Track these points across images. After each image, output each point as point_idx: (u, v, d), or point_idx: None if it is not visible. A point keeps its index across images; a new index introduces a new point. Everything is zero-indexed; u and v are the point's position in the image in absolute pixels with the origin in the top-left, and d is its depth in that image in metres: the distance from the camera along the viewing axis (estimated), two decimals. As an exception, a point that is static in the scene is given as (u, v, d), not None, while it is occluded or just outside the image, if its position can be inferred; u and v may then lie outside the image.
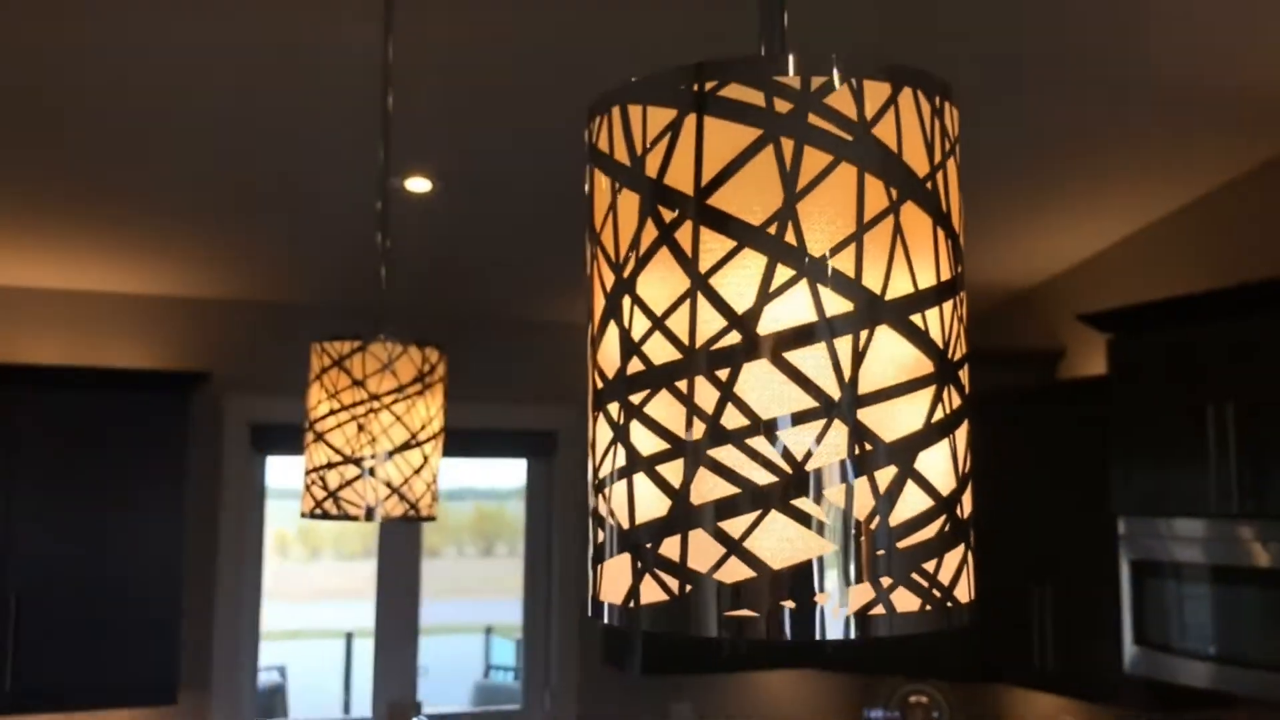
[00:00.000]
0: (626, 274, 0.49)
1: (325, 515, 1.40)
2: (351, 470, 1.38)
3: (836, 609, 0.44)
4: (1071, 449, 3.42)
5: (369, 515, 1.38)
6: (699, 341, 0.47)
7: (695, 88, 0.47)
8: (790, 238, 0.46)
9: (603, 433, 0.50)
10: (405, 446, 1.40)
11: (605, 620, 0.49)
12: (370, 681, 3.86)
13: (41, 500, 3.14)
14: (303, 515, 1.45)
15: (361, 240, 3.33)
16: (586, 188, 0.53)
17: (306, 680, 6.65)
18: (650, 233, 0.48)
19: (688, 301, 0.47)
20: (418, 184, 3.00)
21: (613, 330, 0.50)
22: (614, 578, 0.49)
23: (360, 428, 1.39)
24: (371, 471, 1.38)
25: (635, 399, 0.48)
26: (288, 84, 2.44)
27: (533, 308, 3.97)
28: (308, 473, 1.43)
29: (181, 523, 3.30)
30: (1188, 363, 2.95)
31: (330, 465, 1.39)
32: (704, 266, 0.47)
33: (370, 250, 3.39)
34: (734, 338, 0.46)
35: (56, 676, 3.12)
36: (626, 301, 0.49)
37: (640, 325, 0.48)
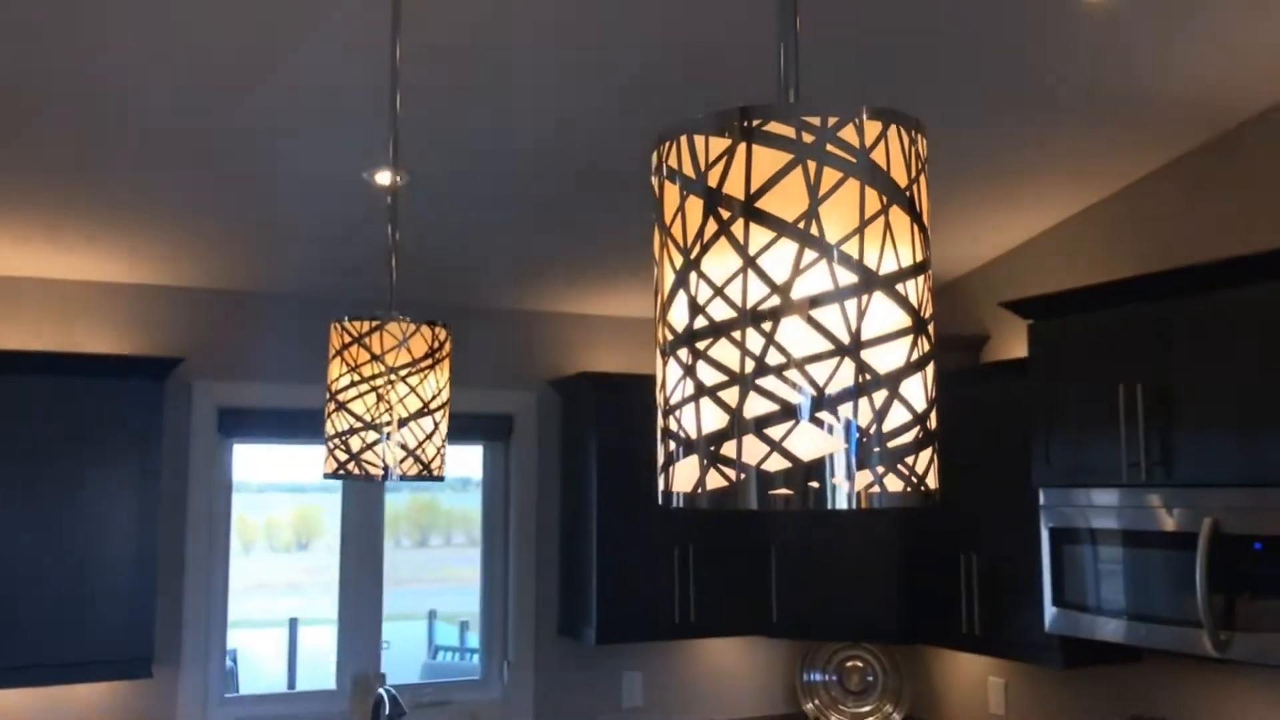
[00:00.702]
0: (693, 257, 0.68)
1: (348, 475, 1.57)
2: (371, 435, 1.56)
3: (846, 488, 0.64)
4: (996, 427, 3.68)
5: (386, 475, 1.56)
6: (748, 304, 0.66)
7: (745, 124, 0.67)
8: (814, 230, 0.66)
9: (673, 372, 0.69)
10: (419, 414, 1.58)
11: (674, 505, 0.68)
12: (313, 665, 4.00)
13: (17, 482, 3.23)
14: (325, 476, 1.62)
15: (326, 231, 3.48)
16: (656, 194, 0.72)
17: (252, 663, 6.76)
18: (711, 227, 0.67)
19: (740, 275, 0.66)
20: (385, 177, 3.14)
21: (681, 297, 0.69)
22: (684, 475, 0.68)
23: (379, 397, 1.56)
24: (388, 436, 1.56)
25: (700, 346, 0.67)
26: (265, 79, 2.57)
27: (489, 296, 4.14)
28: (329, 438, 1.60)
29: (156, 505, 3.41)
30: (1101, 345, 3.22)
31: (352, 431, 1.56)
32: (752, 250, 0.66)
33: (334, 242, 3.54)
34: (774, 301, 0.66)
35: (35, 653, 3.22)
36: (693, 276, 0.68)
37: (704, 293, 0.67)
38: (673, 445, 0.69)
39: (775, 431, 0.64)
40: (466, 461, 4.31)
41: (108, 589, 3.32)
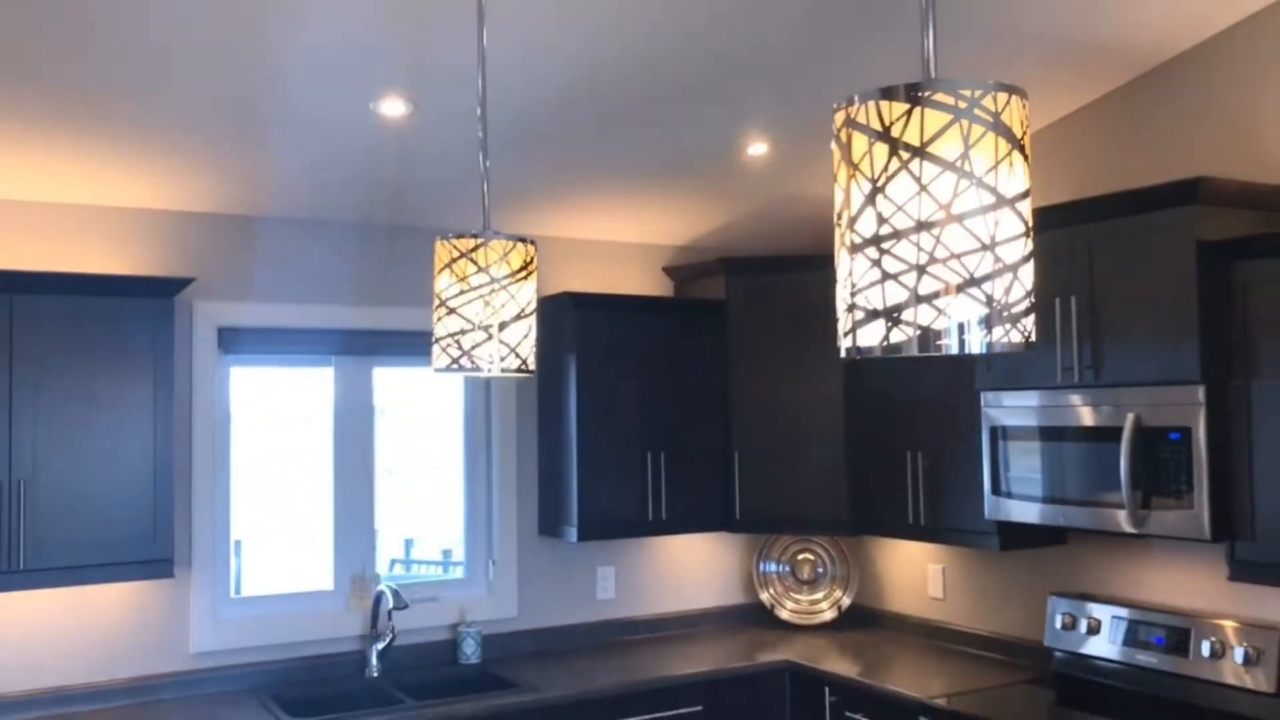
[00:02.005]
0: (879, 184, 1.00)
1: (459, 369, 1.86)
2: (479, 335, 1.85)
3: (985, 339, 0.97)
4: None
5: (491, 369, 1.86)
6: (921, 217, 0.98)
7: (918, 94, 0.98)
8: (966, 167, 0.97)
9: (860, 264, 1.01)
10: (517, 318, 1.88)
11: (858, 357, 1.00)
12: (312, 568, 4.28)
13: (37, 397, 3.42)
14: (436, 371, 1.91)
15: (326, 157, 3.68)
16: (844, 141, 1.03)
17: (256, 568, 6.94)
18: (895, 164, 0.99)
19: (916, 198, 0.98)
20: (394, 107, 3.36)
21: (870, 212, 1.00)
22: (869, 335, 1.00)
23: (485, 303, 1.85)
24: (492, 337, 1.86)
25: (886, 245, 0.99)
26: (272, 3, 2.74)
27: (471, 219, 4.38)
28: (439, 339, 1.89)
29: (170, 416, 3.63)
30: (1037, 264, 3.62)
31: (463, 332, 1.86)
32: (925, 180, 0.98)
33: (333, 167, 3.73)
34: (941, 214, 0.97)
35: (63, 555, 3.45)
36: (880, 198, 0.99)
37: (888, 209, 0.99)
38: (860, 314, 1.01)
39: (940, 302, 0.97)
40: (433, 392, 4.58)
41: (129, 495, 3.54)
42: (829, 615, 4.79)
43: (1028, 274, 1.00)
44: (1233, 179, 3.28)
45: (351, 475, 4.29)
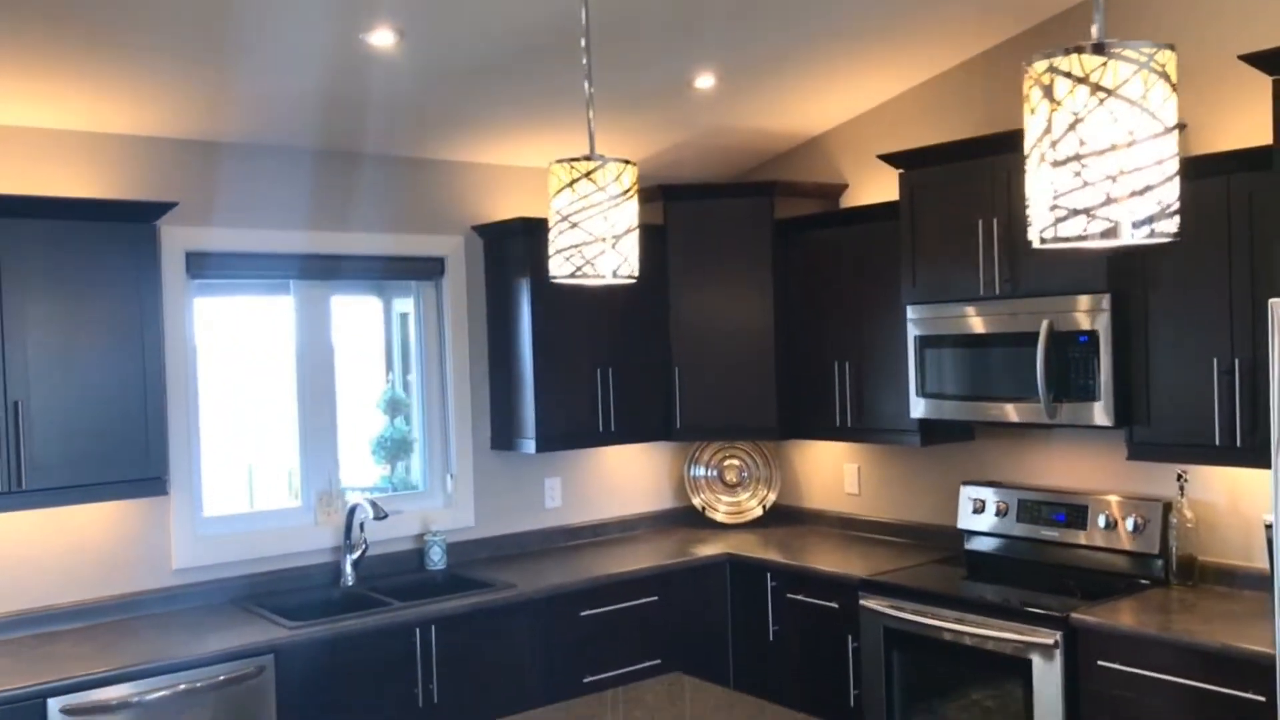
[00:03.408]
0: (1080, 118, 1.35)
1: (582, 276, 2.14)
2: (600, 247, 2.14)
3: (1143, 234, 1.35)
4: (862, 259, 4.54)
5: (609, 276, 2.15)
6: (1113, 142, 1.34)
7: (1112, 51, 1.33)
8: (1146, 106, 1.34)
9: (1061, 175, 1.37)
10: (627, 231, 2.17)
11: (1045, 244, 1.37)
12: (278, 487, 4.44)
13: (29, 319, 3.46)
14: (554, 280, 2.18)
15: (295, 83, 3.77)
16: (1049, 84, 1.37)
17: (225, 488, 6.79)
18: (1094, 102, 1.34)
19: (1110, 127, 1.34)
20: (382, 37, 3.51)
21: (1072, 135, 1.36)
22: (1070, 228, 1.36)
23: (605, 218, 2.13)
24: (613, 246, 2.14)
25: (1084, 162, 1.35)
26: None
27: (425, 147, 4.56)
28: (561, 250, 2.16)
29: (159, 336, 3.73)
30: (961, 190, 4.09)
31: (585, 244, 2.13)
32: (1116, 116, 1.34)
33: (300, 93, 3.84)
34: (1126, 138, 1.34)
35: (61, 475, 3.53)
36: (1080, 126, 1.35)
37: (1088, 133, 1.35)
38: (1061, 212, 1.37)
39: (1125, 204, 1.33)
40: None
41: (122, 416, 3.63)
42: (758, 512, 5.25)
43: (1176, 184, 1.38)
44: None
45: (314, 398, 4.45)
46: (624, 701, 2.87)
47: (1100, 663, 3.47)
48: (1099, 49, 1.35)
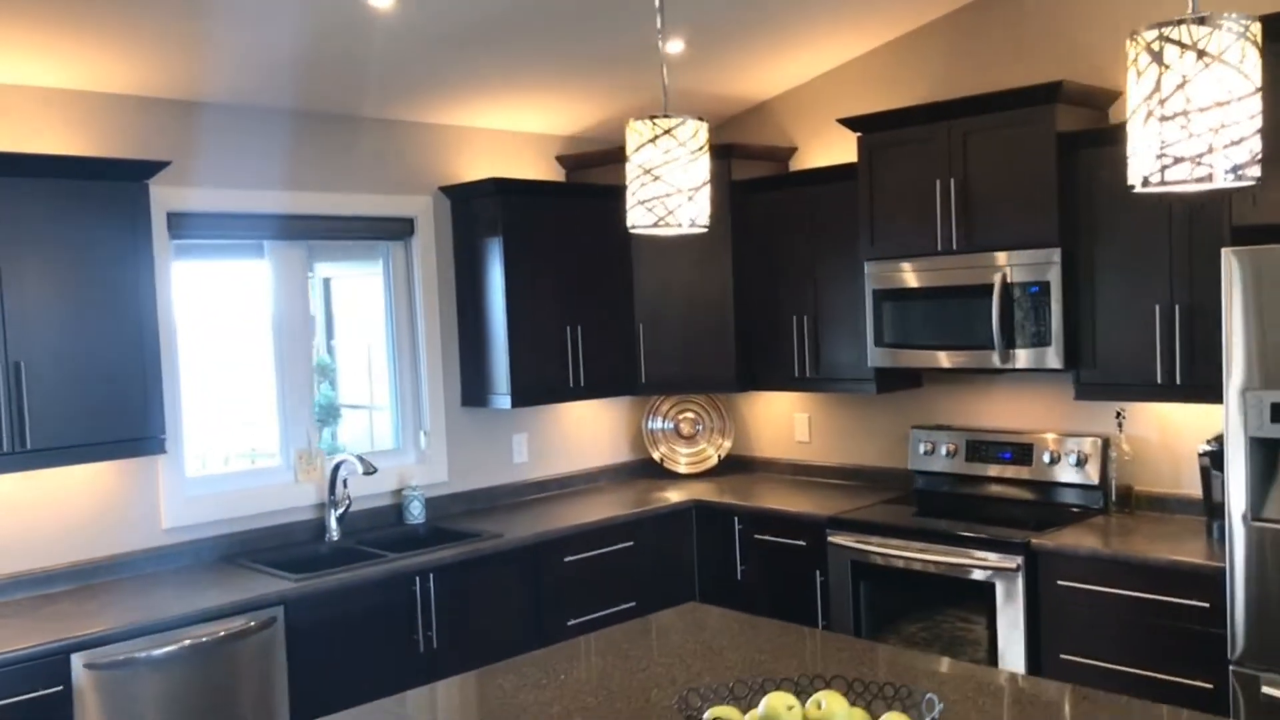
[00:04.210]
0: (1186, 79, 1.59)
1: (662, 226, 2.31)
2: (680, 199, 2.31)
3: (1231, 179, 1.60)
4: (822, 218, 4.80)
5: (686, 225, 2.33)
6: (1216, 100, 1.59)
7: (1215, 22, 1.58)
8: (1243, 68, 1.59)
9: (1169, 128, 1.61)
10: (703, 184, 2.35)
11: (1147, 187, 1.61)
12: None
13: (26, 278, 3.44)
14: (633, 229, 2.35)
15: (280, 41, 3.80)
16: (1157, 50, 1.61)
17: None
18: (1199, 66, 1.59)
19: (1214, 86, 1.58)
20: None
21: (1180, 95, 1.60)
22: (1177, 173, 1.61)
23: (685, 171, 2.31)
24: (689, 199, 2.32)
25: (1188, 117, 1.59)
26: None
27: (398, 109, 4.62)
28: (643, 201, 2.33)
29: (154, 298, 3.73)
30: (917, 152, 4.37)
31: (667, 195, 2.31)
32: (1219, 77, 1.59)
33: (287, 53, 3.88)
34: (1227, 97, 1.59)
35: (64, 434, 3.53)
36: (1188, 85, 1.59)
37: (1194, 93, 1.59)
38: (1168, 160, 1.61)
39: (1225, 152, 1.59)
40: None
41: (121, 375, 3.64)
42: (714, 461, 5.50)
43: (1258, 139, 1.64)
44: (1076, 82, 4.13)
45: (291, 358, 4.49)
46: (655, 629, 3.07)
47: (1060, 582, 3.83)
48: (1202, 20, 1.60)
